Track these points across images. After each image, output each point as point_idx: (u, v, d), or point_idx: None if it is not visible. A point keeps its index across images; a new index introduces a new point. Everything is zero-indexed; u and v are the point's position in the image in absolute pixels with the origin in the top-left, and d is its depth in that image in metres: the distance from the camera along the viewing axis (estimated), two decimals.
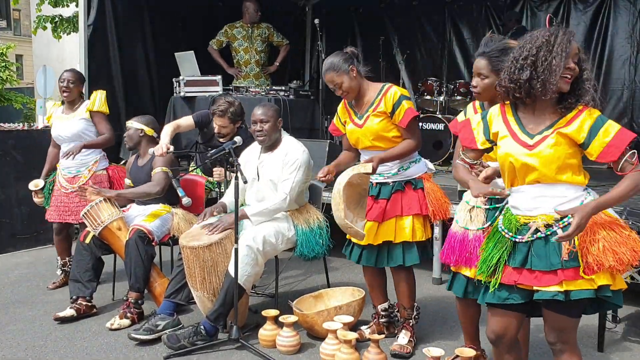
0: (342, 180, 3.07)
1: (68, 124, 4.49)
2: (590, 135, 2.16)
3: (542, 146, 2.21)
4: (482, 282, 2.39)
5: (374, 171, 3.21)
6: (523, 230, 2.28)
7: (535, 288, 2.22)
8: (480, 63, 2.76)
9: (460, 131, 2.49)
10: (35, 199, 4.69)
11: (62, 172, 4.52)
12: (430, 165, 3.54)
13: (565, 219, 2.19)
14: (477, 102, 2.96)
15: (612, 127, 2.16)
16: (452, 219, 3.10)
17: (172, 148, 4.09)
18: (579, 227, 2.09)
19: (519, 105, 2.31)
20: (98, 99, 4.50)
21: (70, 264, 4.61)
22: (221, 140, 4.40)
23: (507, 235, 2.33)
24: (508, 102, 2.33)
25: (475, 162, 2.49)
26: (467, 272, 2.88)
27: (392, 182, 3.37)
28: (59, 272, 4.69)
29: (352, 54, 3.34)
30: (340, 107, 3.54)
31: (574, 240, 2.17)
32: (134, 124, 4.26)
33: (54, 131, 4.57)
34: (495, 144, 2.37)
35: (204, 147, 4.69)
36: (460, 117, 3.06)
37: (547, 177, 2.21)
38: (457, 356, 3.09)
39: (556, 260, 2.18)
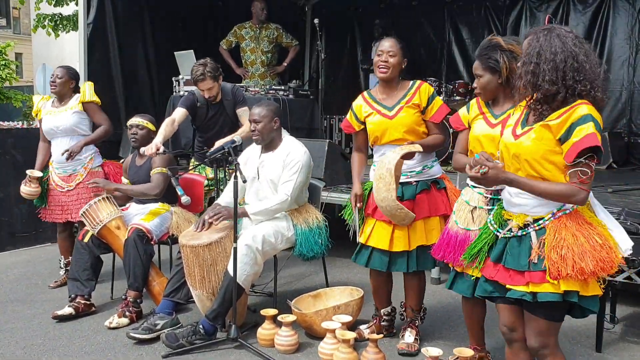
0: (392, 159, 2.99)
1: (60, 117, 4.42)
2: (568, 132, 2.11)
3: (524, 137, 2.21)
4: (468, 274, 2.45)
5: (413, 157, 3.18)
6: (505, 225, 2.31)
7: (507, 286, 2.25)
8: (474, 64, 2.93)
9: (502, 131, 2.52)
10: (25, 187, 4.42)
11: (57, 171, 4.48)
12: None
13: (540, 221, 2.21)
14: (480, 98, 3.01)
15: (586, 129, 2.08)
16: None
17: (162, 148, 4.03)
18: (484, 179, 2.12)
19: None
20: (88, 90, 4.45)
21: None
22: (214, 104, 4.48)
23: (491, 227, 2.38)
24: None
25: None
26: (474, 272, 2.85)
27: (415, 181, 3.33)
28: (62, 272, 4.67)
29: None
30: (356, 104, 3.47)
31: (543, 244, 2.18)
32: (144, 122, 4.21)
33: (45, 125, 4.49)
34: None
35: (201, 137, 4.67)
36: (462, 111, 3.08)
37: (523, 172, 2.20)
38: (458, 357, 3.09)
39: (524, 262, 2.21)
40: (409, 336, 3.44)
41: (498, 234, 2.33)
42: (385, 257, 3.33)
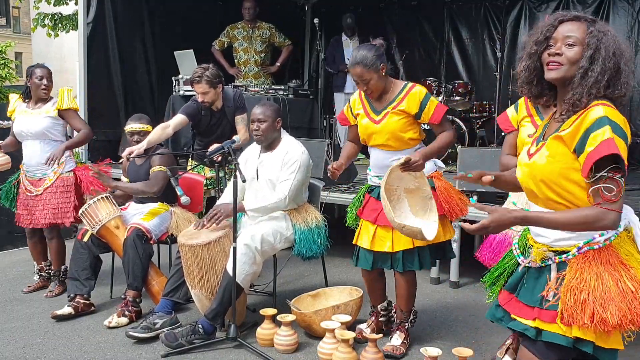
0: (382, 182, 2.92)
1: (33, 120, 4.25)
2: (582, 141, 1.76)
3: (537, 156, 1.88)
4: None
5: (419, 167, 3.01)
6: (527, 252, 2.03)
7: (512, 316, 1.99)
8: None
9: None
10: None
11: (27, 175, 4.34)
12: (440, 163, 3.44)
13: (564, 255, 1.89)
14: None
15: (601, 135, 1.72)
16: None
17: (133, 156, 3.96)
18: (483, 227, 1.82)
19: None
20: (66, 97, 4.29)
21: (46, 269, 4.55)
22: (216, 111, 4.44)
23: (514, 252, 2.13)
24: None
25: None
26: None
27: None
28: (35, 277, 4.59)
29: (380, 46, 3.25)
30: (353, 98, 3.46)
31: (561, 281, 1.87)
32: (145, 127, 4.15)
33: (17, 127, 4.31)
34: None
35: (201, 141, 4.66)
36: (511, 111, 2.99)
37: (541, 195, 1.89)
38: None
39: (537, 298, 1.92)
40: (397, 339, 3.41)
41: (520, 260, 2.05)
42: (370, 256, 3.37)
